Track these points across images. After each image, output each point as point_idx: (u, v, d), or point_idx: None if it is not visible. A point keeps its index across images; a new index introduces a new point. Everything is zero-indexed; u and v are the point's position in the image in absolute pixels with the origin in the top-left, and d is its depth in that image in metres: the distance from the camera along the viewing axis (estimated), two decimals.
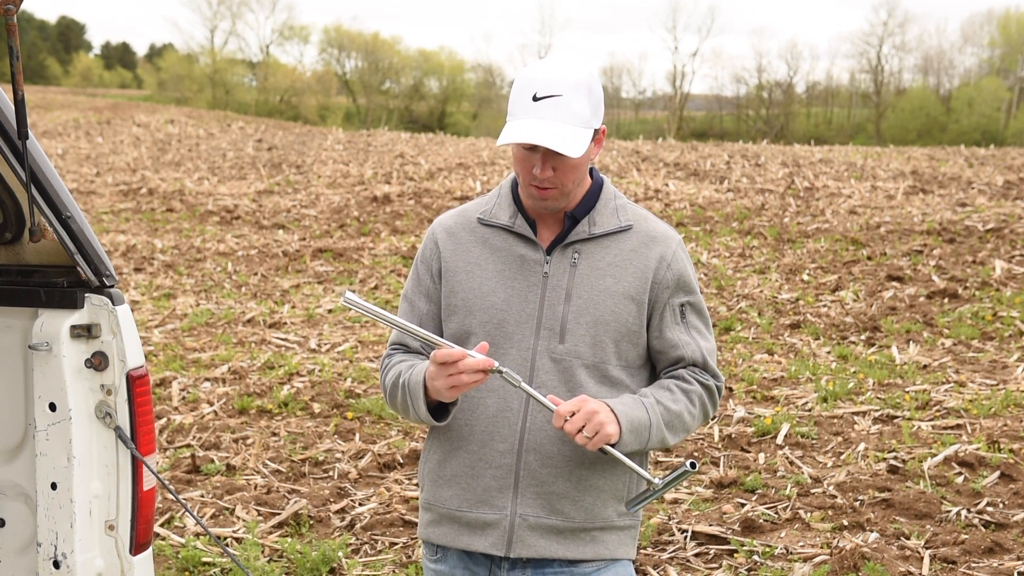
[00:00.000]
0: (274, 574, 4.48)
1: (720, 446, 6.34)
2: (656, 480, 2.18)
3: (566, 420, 2.12)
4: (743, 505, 5.37)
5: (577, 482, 2.27)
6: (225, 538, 4.95)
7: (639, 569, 4.62)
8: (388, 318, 2.16)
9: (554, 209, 2.29)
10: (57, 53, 68.43)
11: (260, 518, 5.19)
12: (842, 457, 6.10)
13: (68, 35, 74.84)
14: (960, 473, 5.74)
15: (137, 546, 2.62)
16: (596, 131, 2.25)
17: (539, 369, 2.26)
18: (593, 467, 2.28)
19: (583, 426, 2.11)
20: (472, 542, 2.30)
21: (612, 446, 2.16)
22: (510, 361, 2.25)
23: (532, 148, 2.21)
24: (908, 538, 4.92)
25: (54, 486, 2.55)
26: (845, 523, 5.11)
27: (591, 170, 2.38)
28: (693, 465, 2.12)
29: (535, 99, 2.18)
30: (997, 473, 5.68)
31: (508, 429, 2.27)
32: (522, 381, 2.15)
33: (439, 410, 2.27)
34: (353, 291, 2.22)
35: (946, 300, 10.20)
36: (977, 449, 6.04)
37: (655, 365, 2.37)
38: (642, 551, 4.84)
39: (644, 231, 2.34)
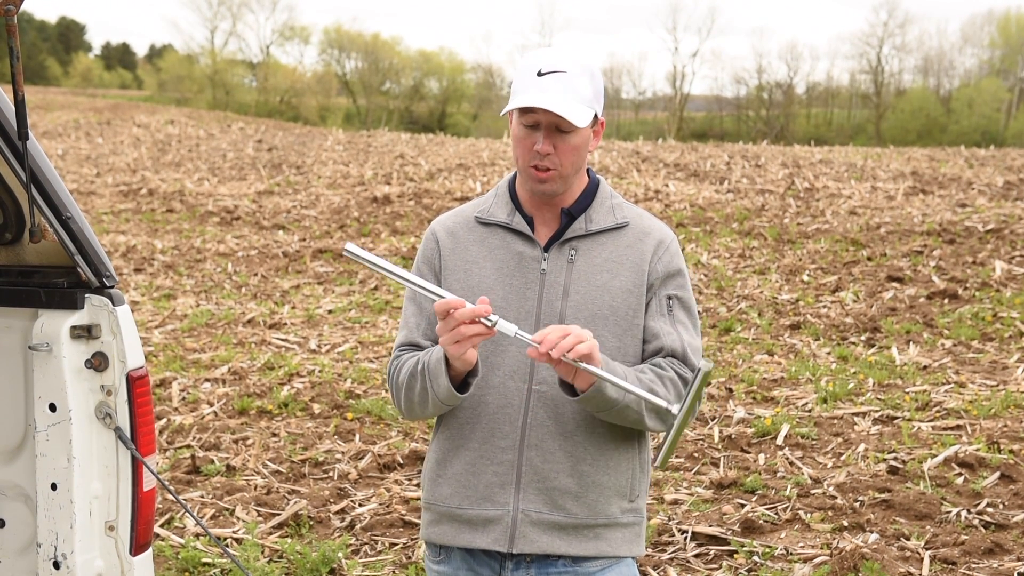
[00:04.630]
0: (274, 575, 4.48)
1: (720, 447, 6.34)
2: (674, 408, 2.06)
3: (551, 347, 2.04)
4: (743, 506, 5.37)
5: (579, 478, 2.27)
6: (225, 539, 4.94)
7: (639, 569, 4.61)
8: (390, 269, 2.11)
9: (552, 195, 2.29)
10: (57, 54, 68.41)
11: (260, 519, 5.19)
12: (842, 458, 6.10)
13: (68, 35, 74.84)
14: (960, 474, 5.74)
15: (137, 547, 2.62)
16: (596, 119, 2.27)
17: (539, 364, 2.26)
18: (596, 463, 2.28)
19: (571, 342, 2.04)
20: (474, 539, 2.30)
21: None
22: (510, 357, 2.25)
23: (534, 126, 2.23)
24: (908, 539, 4.92)
25: (54, 487, 2.54)
26: (845, 524, 5.11)
27: (587, 171, 2.39)
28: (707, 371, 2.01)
29: (539, 74, 2.21)
30: (997, 474, 5.68)
31: (509, 425, 2.27)
32: (518, 330, 2.09)
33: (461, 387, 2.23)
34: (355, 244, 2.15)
35: (946, 301, 10.20)
36: (977, 450, 6.04)
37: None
38: None
39: (640, 228, 2.35)
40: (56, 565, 2.55)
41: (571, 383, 2.14)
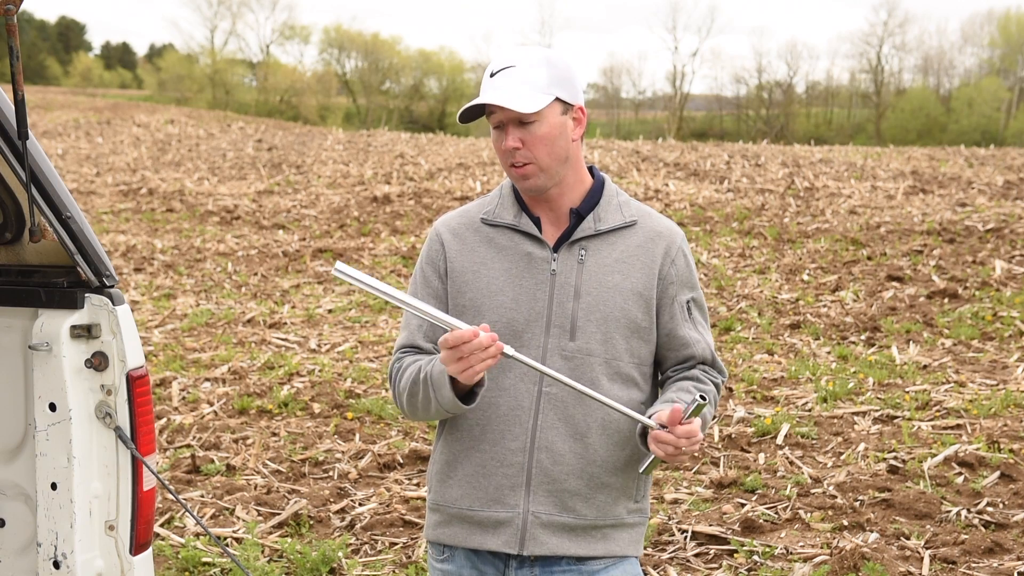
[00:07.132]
0: (274, 574, 4.48)
1: (720, 446, 6.34)
2: (657, 427, 2.14)
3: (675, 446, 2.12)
4: (743, 505, 5.37)
5: (589, 480, 2.27)
6: (225, 538, 4.94)
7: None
8: (384, 290, 2.06)
9: (540, 190, 2.28)
10: (57, 53, 68.44)
11: (260, 518, 5.19)
12: (842, 457, 6.10)
13: (68, 35, 74.84)
14: (960, 473, 5.74)
15: (137, 546, 2.62)
16: (569, 107, 2.25)
17: (551, 367, 2.24)
18: (605, 465, 2.28)
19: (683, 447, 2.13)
20: (484, 541, 2.29)
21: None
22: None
23: (499, 126, 2.24)
24: (908, 538, 4.92)
25: (54, 486, 2.54)
26: (845, 523, 5.11)
27: (591, 169, 2.37)
28: (703, 397, 2.11)
29: (491, 75, 2.24)
30: (997, 473, 5.68)
31: (520, 427, 2.26)
32: (528, 359, 2.11)
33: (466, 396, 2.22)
34: (344, 263, 2.12)
35: (946, 300, 10.20)
36: (977, 449, 6.04)
37: (660, 362, 2.36)
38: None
39: (649, 227, 2.34)
40: (56, 565, 2.55)
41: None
